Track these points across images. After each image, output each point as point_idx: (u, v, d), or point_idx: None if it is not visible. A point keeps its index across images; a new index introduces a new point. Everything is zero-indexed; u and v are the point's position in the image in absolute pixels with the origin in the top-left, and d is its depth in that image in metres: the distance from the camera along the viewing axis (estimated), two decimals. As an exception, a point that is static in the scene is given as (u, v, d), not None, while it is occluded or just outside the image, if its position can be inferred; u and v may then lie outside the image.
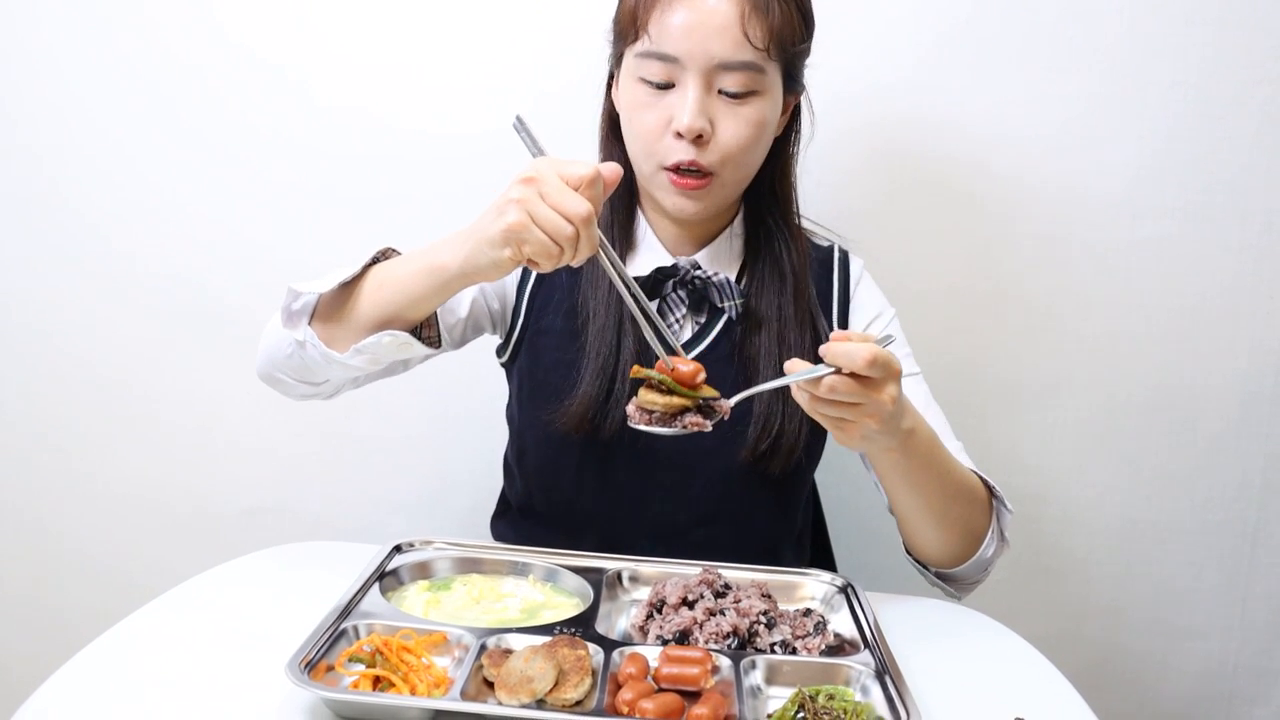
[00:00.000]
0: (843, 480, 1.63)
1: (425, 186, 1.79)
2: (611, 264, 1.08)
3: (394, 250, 1.23)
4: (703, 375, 1.10)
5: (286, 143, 1.80)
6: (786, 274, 1.37)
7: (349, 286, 1.20)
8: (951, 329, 1.80)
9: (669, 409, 1.09)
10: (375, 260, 1.22)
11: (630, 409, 1.11)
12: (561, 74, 1.72)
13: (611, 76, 1.37)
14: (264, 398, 1.31)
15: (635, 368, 1.12)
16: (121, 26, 1.78)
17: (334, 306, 1.21)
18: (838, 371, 1.02)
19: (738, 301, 1.34)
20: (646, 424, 1.10)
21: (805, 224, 1.45)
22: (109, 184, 1.83)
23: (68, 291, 1.86)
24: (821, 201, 1.67)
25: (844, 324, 1.42)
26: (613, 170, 1.06)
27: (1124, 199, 1.77)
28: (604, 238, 1.06)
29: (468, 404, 1.76)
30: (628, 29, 1.26)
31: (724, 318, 1.36)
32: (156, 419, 1.90)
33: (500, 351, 1.45)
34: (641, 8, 1.24)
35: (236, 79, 1.78)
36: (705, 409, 1.11)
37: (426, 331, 1.24)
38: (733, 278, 1.37)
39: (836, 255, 1.45)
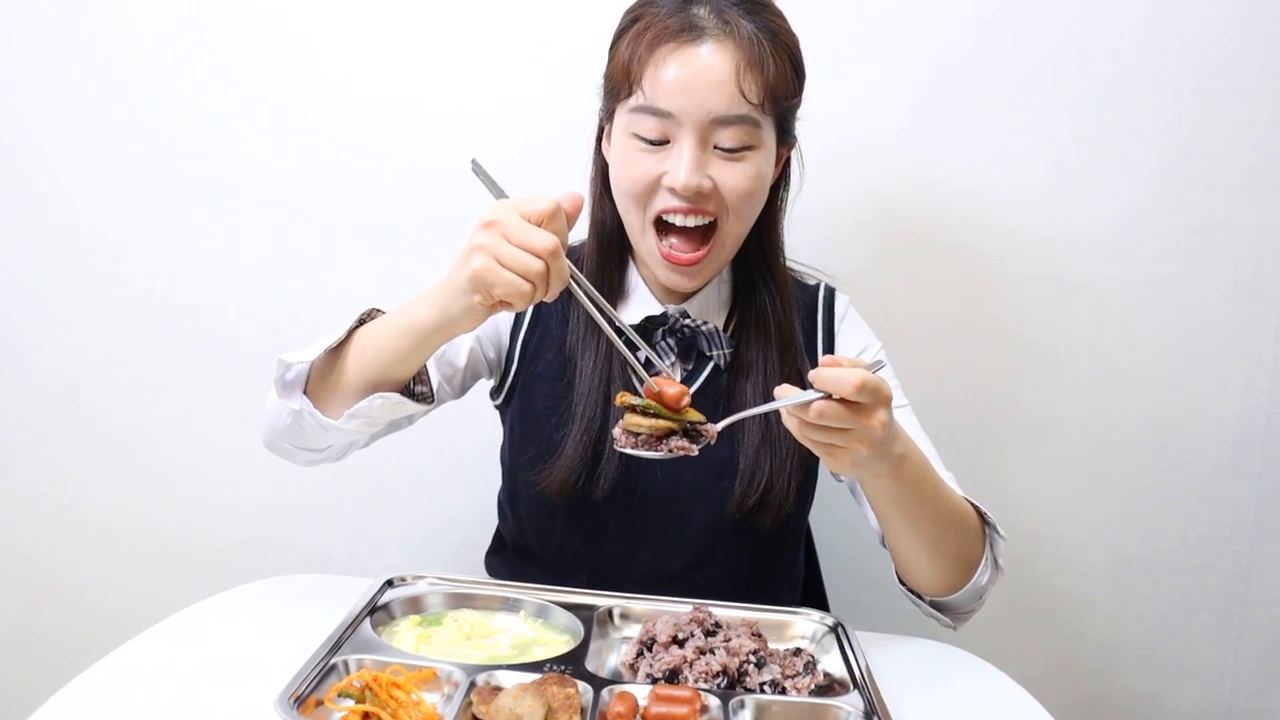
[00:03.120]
0: (835, 519, 1.63)
1: (424, 215, 1.80)
2: (586, 294, 1.08)
3: (378, 310, 1.23)
4: (688, 398, 1.10)
5: (285, 172, 1.81)
6: (772, 326, 1.37)
7: (336, 351, 1.20)
8: (945, 368, 1.81)
9: (655, 432, 1.09)
10: (361, 322, 1.21)
11: (616, 432, 1.11)
12: (562, 103, 1.73)
13: (601, 131, 1.37)
14: (258, 428, 1.32)
15: (621, 394, 1.11)
16: (121, 57, 1.79)
17: (324, 373, 1.20)
18: (827, 397, 1.01)
19: (726, 351, 1.35)
20: (633, 448, 1.10)
21: (792, 265, 1.46)
22: (101, 213, 1.84)
23: (59, 321, 1.87)
24: (816, 242, 1.68)
25: None
26: (573, 200, 1.05)
27: (1117, 240, 1.78)
28: (574, 269, 1.05)
29: (464, 438, 1.77)
30: (620, 84, 1.25)
31: (711, 364, 1.36)
32: (149, 450, 1.90)
33: (494, 394, 1.46)
34: (635, 62, 1.23)
35: (236, 109, 1.80)
36: (691, 433, 1.11)
37: (419, 388, 1.24)
38: (721, 325, 1.38)
39: (821, 294, 1.46)
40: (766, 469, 1.32)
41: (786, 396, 1.04)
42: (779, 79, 1.23)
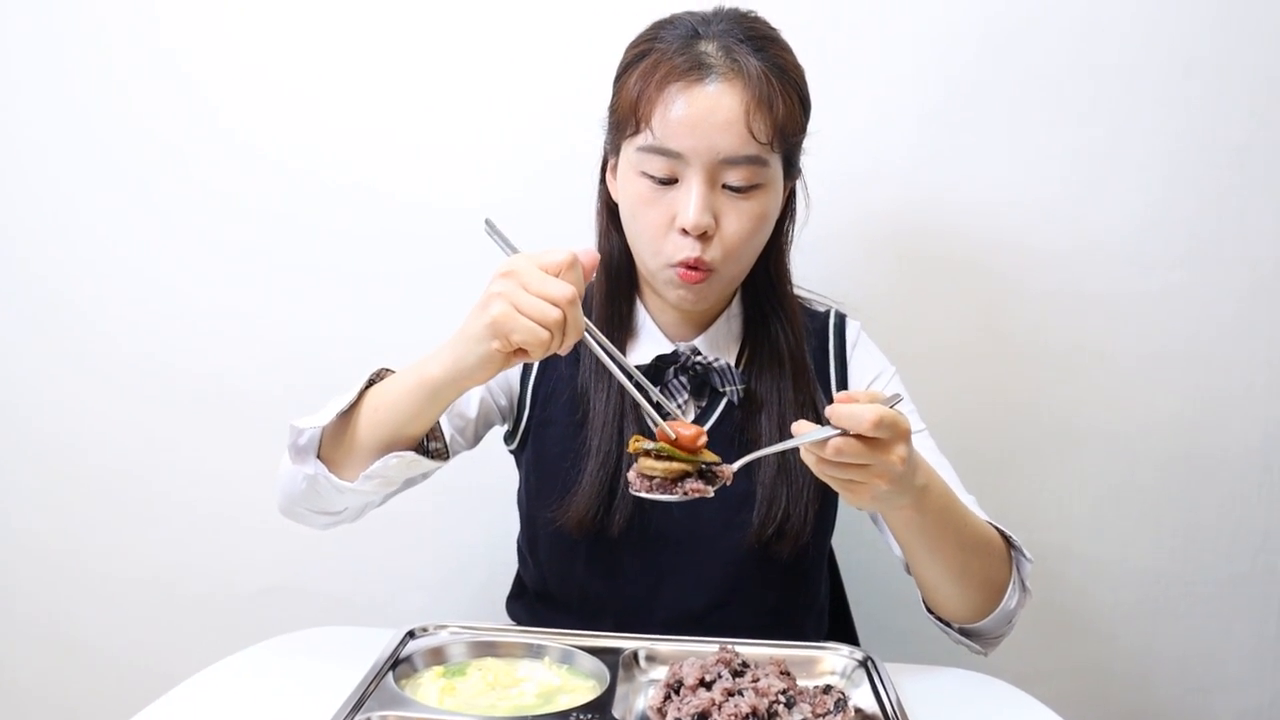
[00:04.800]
0: (860, 544, 1.61)
1: (432, 265, 1.79)
2: (598, 344, 1.08)
3: (388, 370, 1.23)
4: (704, 439, 1.09)
5: (295, 227, 1.80)
6: (785, 358, 1.36)
7: (348, 414, 1.19)
8: (964, 387, 1.79)
9: (669, 474, 1.08)
10: (371, 382, 1.21)
11: (631, 475, 1.11)
12: (567, 137, 1.73)
13: (605, 163, 1.36)
14: (274, 495, 1.31)
15: (634, 440, 1.10)
16: (113, 113, 1.80)
17: (337, 436, 1.20)
18: (844, 433, 1.01)
19: (739, 386, 1.34)
20: (647, 491, 1.09)
21: (801, 292, 1.45)
22: (116, 276, 1.84)
23: (77, 381, 1.87)
24: (828, 267, 1.67)
25: (844, 389, 1.40)
26: (590, 256, 1.06)
27: (1132, 250, 1.76)
28: (588, 320, 1.05)
29: (484, 479, 1.75)
30: (627, 120, 1.25)
31: (725, 401, 1.35)
32: (170, 502, 1.89)
33: (508, 439, 1.45)
34: (643, 100, 1.22)
35: (236, 167, 1.80)
36: (707, 474, 1.10)
37: (433, 444, 1.23)
38: (732, 360, 1.37)
39: (832, 321, 1.45)
40: (784, 498, 1.31)
41: (803, 434, 1.03)
42: (787, 117, 1.22)
